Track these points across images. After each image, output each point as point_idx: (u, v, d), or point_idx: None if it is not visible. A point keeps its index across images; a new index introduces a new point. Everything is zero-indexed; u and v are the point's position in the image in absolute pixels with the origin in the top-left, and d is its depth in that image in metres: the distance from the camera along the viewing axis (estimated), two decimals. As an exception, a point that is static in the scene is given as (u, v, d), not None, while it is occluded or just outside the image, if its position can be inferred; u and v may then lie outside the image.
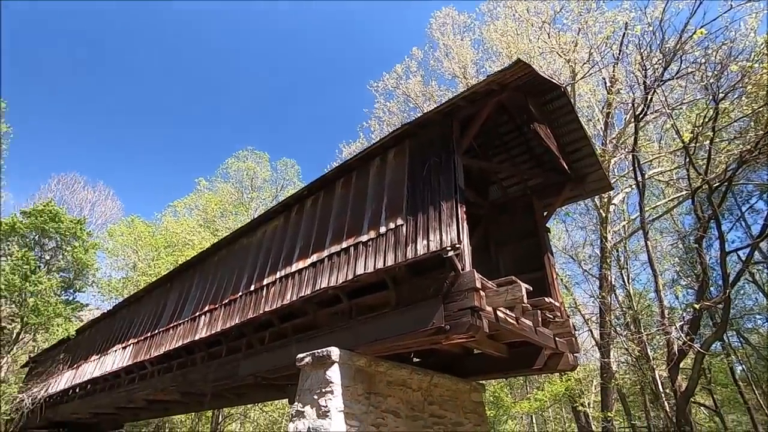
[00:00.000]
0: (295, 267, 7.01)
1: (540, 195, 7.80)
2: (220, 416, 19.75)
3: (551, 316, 6.18)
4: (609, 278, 14.35)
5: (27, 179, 51.73)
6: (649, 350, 11.99)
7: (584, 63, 12.31)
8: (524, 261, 7.50)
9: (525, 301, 4.72)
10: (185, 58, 76.74)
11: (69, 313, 15.96)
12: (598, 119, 15.10)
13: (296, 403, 5.32)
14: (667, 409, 11.27)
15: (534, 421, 19.10)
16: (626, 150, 12.30)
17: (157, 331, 10.38)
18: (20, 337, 16.43)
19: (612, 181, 15.41)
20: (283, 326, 6.93)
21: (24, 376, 17.74)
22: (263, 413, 24.31)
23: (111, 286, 19.47)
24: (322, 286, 6.06)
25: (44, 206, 16.55)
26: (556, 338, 6.06)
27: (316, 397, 5.08)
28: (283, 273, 7.21)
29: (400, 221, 5.65)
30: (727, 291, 8.43)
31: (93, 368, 12.64)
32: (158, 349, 9.74)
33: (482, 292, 4.60)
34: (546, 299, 5.72)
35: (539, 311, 5.61)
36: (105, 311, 15.32)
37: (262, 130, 79.75)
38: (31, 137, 52.46)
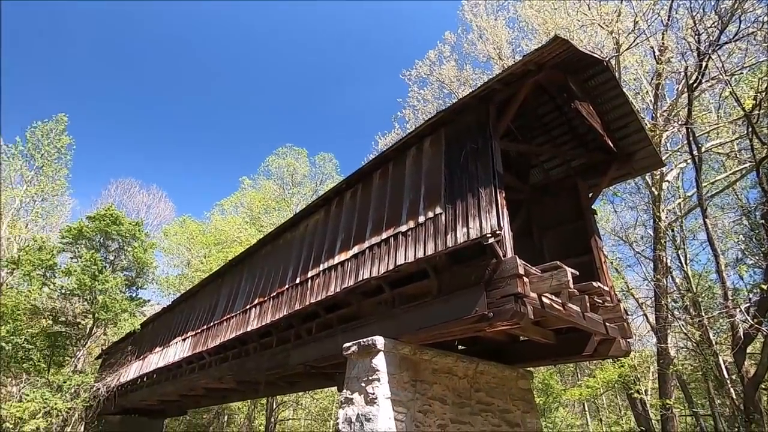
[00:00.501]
0: (337, 259, 7.18)
1: (584, 176, 7.49)
2: (274, 403, 20.68)
3: (601, 301, 5.97)
4: (664, 260, 13.60)
5: (90, 183, 55.82)
6: (711, 334, 11.28)
7: (629, 33, 11.56)
8: (570, 245, 7.26)
9: (571, 286, 4.59)
10: (224, 60, 79.34)
11: (134, 309, 17.24)
12: (647, 91, 14.21)
13: (345, 391, 5.49)
14: (734, 397, 10.60)
15: (586, 408, 18.53)
16: (679, 122, 11.49)
17: (212, 323, 10.99)
18: (93, 331, 17.95)
19: (664, 157, 14.54)
20: (328, 317, 7.13)
21: (98, 367, 19.36)
22: (314, 400, 25.18)
23: (168, 283, 20.77)
24: (364, 277, 6.17)
25: (106, 210, 17.87)
26: (607, 323, 5.85)
27: (363, 384, 5.22)
28: (326, 265, 7.40)
29: (438, 210, 5.64)
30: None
31: (157, 359, 13.59)
32: (214, 341, 10.32)
33: (525, 279, 4.52)
34: (594, 284, 5.53)
35: (587, 296, 5.41)
36: (165, 306, 16.37)
37: (300, 126, 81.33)
38: (90, 145, 56.49)
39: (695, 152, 10.67)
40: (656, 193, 13.69)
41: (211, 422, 29.10)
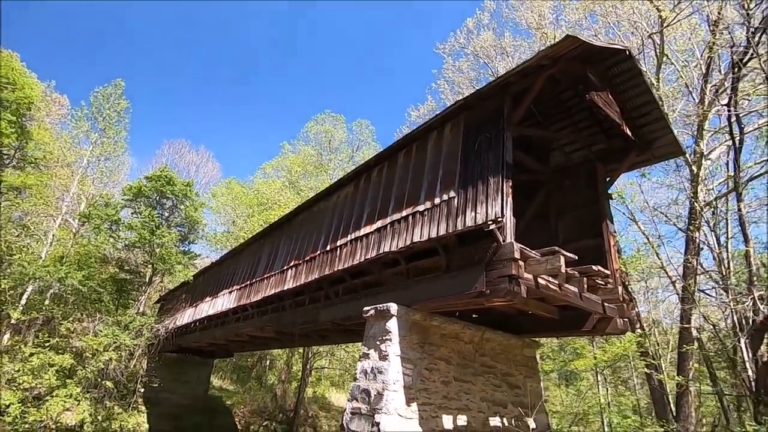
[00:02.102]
0: (363, 231, 7.93)
1: (604, 160, 7.68)
2: (310, 353, 22.58)
3: (603, 283, 6.40)
4: (696, 240, 13.41)
5: (145, 141, 59.35)
6: (734, 317, 11.31)
7: (675, 5, 10.96)
8: (585, 227, 7.60)
9: (563, 269, 5.09)
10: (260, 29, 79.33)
11: (187, 262, 19.16)
12: (697, 65, 13.48)
13: (363, 347, 6.38)
14: (751, 377, 10.76)
15: (603, 379, 18.94)
16: (721, 103, 11.02)
17: (254, 280, 12.27)
18: (152, 279, 20.18)
19: (708, 136, 13.95)
20: (353, 282, 7.99)
21: (157, 311, 21.80)
22: (347, 353, 27.11)
23: (216, 239, 22.61)
24: (384, 250, 6.90)
25: (161, 171, 19.53)
26: (605, 304, 6.32)
27: (378, 343, 6.08)
28: (353, 236, 8.19)
29: (452, 193, 6.17)
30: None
31: (207, 307, 15.30)
32: (256, 295, 11.60)
33: (521, 262, 5.06)
34: (593, 267, 5.95)
35: (585, 278, 5.89)
36: (213, 261, 18.08)
37: (340, 92, 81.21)
38: (147, 107, 59.55)
39: (736, 134, 10.37)
40: (695, 171, 13.31)
41: (254, 365, 32.09)
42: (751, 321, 9.63)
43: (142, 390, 17.81)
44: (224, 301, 13.97)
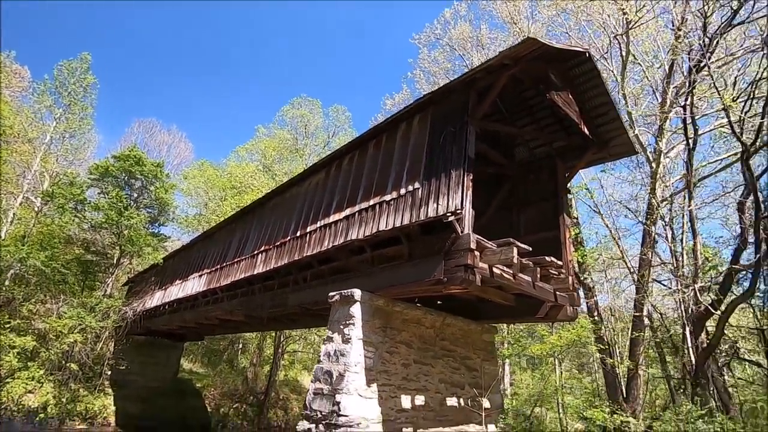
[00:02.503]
0: (332, 218, 8.09)
1: (564, 157, 8.05)
2: (282, 337, 22.74)
3: (556, 273, 6.80)
4: (652, 233, 14.16)
5: (114, 119, 57.11)
6: (682, 306, 12.12)
7: (640, 8, 11.37)
8: (544, 220, 7.98)
9: (515, 260, 5.41)
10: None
11: (156, 244, 18.87)
12: (661, 65, 14.05)
13: (327, 331, 6.61)
14: (692, 362, 11.62)
15: (557, 363, 20.05)
16: (679, 104, 11.59)
17: (225, 264, 12.28)
18: (120, 261, 19.80)
19: (668, 136, 14.61)
20: (321, 268, 8.17)
21: (125, 293, 21.45)
22: (319, 337, 27.40)
23: (188, 222, 22.27)
24: (351, 238, 7.09)
25: (130, 151, 19.02)
26: (557, 292, 6.73)
27: (342, 327, 6.31)
28: (322, 223, 8.34)
29: (417, 184, 6.39)
30: (758, 256, 8.38)
31: (177, 290, 15.21)
32: (226, 279, 11.64)
33: (477, 252, 5.35)
34: (547, 258, 6.32)
35: (539, 268, 6.26)
36: (184, 244, 17.87)
37: (317, 78, 79.90)
38: (115, 83, 57.12)
39: (690, 135, 10.96)
40: (654, 168, 13.98)
41: (226, 348, 32.04)
42: (692, 311, 10.37)
43: (109, 372, 17.62)
44: (194, 285, 13.92)
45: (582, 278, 15.12)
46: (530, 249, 5.91)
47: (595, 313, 14.73)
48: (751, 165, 9.31)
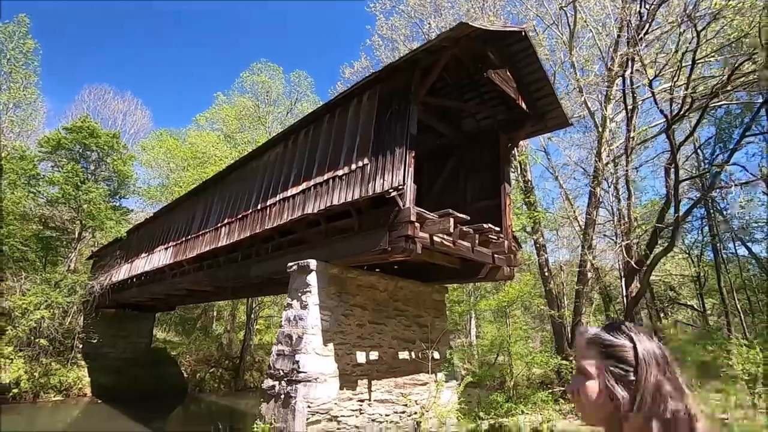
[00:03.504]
0: (290, 192, 8.45)
1: (506, 129, 8.60)
2: (254, 303, 23.33)
3: (495, 238, 7.51)
4: (597, 194, 15.24)
5: (63, 86, 53.47)
6: (619, 261, 13.38)
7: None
8: (487, 188, 8.62)
9: (452, 229, 6.03)
10: (196, -54, 71.33)
11: (119, 217, 18.63)
12: (609, 33, 14.59)
13: (287, 298, 7.16)
14: (618, 310, 13.00)
15: (508, 322, 21.93)
16: (618, 73, 12.25)
17: (190, 236, 12.50)
18: (81, 235, 19.48)
19: (616, 99, 15.37)
20: (281, 240, 8.60)
21: (90, 267, 21.24)
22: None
23: (150, 194, 21.92)
24: (307, 212, 7.52)
25: (82, 122, 18.32)
26: (495, 255, 7.47)
27: (300, 294, 6.87)
28: (281, 196, 8.69)
29: (366, 160, 6.82)
30: (677, 215, 9.40)
31: (144, 263, 15.33)
32: (191, 252, 11.91)
33: (417, 224, 5.93)
34: (484, 225, 6.99)
35: (478, 235, 6.94)
36: (147, 217, 17.76)
37: (278, 42, 76.35)
38: (62, 49, 52.96)
39: (629, 103, 11.71)
40: (601, 133, 14.83)
41: (200, 316, 32.47)
42: (625, 265, 11.54)
43: (81, 346, 17.79)
44: (160, 258, 14.09)
45: (535, 238, 16.24)
46: (468, 218, 6.55)
47: (546, 270, 15.97)
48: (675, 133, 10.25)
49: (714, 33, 9.89)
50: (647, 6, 10.07)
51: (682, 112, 8.59)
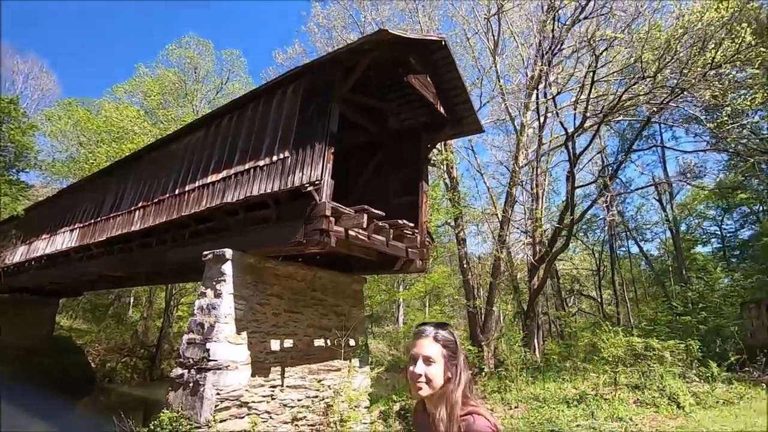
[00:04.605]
0: (210, 179, 8.30)
1: (427, 130, 9.10)
2: (174, 289, 22.25)
3: (409, 233, 8.00)
4: (513, 195, 16.55)
5: (-56, 35, 45.93)
6: (527, 257, 14.74)
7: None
8: (408, 185, 9.09)
9: (365, 224, 6.39)
10: None
11: (15, 193, 16.77)
12: (532, 45, 15.75)
13: (201, 287, 7.11)
14: (521, 301, 14.40)
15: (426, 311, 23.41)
16: (531, 86, 13.35)
17: (99, 218, 11.70)
18: (-31, 211, 17.26)
19: (532, 109, 16.62)
20: (198, 227, 8.42)
21: (-21, 247, 18.89)
22: (216, 288, 27.25)
23: (56, 168, 19.93)
24: (226, 200, 7.47)
25: (-29, 83, 16.11)
26: (409, 249, 7.97)
27: (214, 283, 6.86)
28: (200, 183, 8.50)
29: (287, 153, 6.93)
30: (571, 218, 10.61)
31: (45, 245, 14.04)
32: (101, 235, 11.17)
33: (332, 218, 6.19)
34: (399, 221, 7.43)
35: (392, 230, 7.37)
36: (49, 196, 16.19)
37: (210, 18, 71.68)
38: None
39: (541, 113, 12.83)
40: (518, 138, 16.07)
41: (112, 303, 30.28)
42: (529, 260, 12.79)
43: (-32, 334, 15.94)
44: (65, 240, 13.03)
45: (456, 232, 17.26)
46: (383, 214, 6.95)
47: (465, 262, 17.07)
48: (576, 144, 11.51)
49: (612, 58, 11.19)
50: (559, 26, 11.10)
51: (580, 127, 9.68)
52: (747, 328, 19.18)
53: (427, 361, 1.63)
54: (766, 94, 10.61)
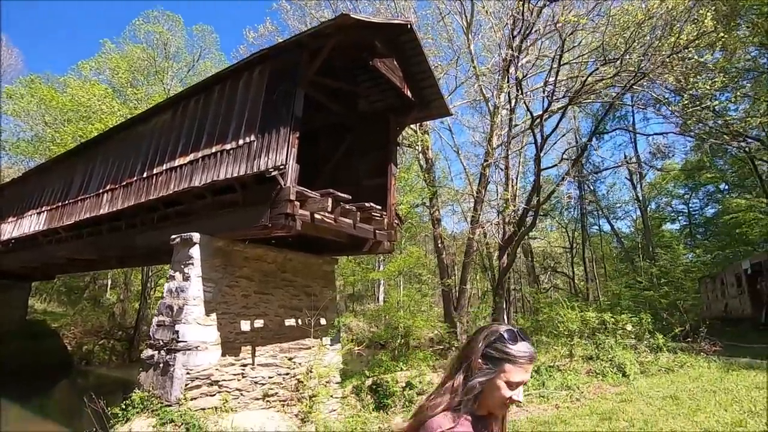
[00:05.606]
0: (178, 162, 8.26)
1: (396, 113, 9.19)
2: (150, 272, 22.11)
3: (377, 215, 8.19)
4: (487, 175, 16.86)
5: None
6: (498, 236, 15.17)
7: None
8: (377, 168, 9.22)
9: (330, 208, 6.54)
10: None
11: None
12: (505, 26, 15.78)
13: (170, 270, 7.20)
14: (490, 279, 14.91)
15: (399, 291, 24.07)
16: (503, 67, 13.47)
17: (67, 201, 11.50)
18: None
19: (506, 91, 16.77)
20: (167, 211, 8.42)
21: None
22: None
23: (20, 148, 19.29)
24: (194, 184, 7.49)
25: None
26: (376, 231, 8.18)
27: (183, 266, 6.95)
28: (168, 166, 8.45)
29: (253, 137, 6.96)
30: (537, 199, 10.97)
31: (11, 228, 13.74)
32: (69, 218, 11.02)
33: (297, 202, 6.32)
34: (366, 204, 7.60)
35: (359, 212, 7.54)
36: (14, 178, 15.73)
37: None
38: None
39: (514, 95, 13.01)
40: (492, 119, 16.27)
41: (87, 285, 29.88)
42: (499, 239, 13.20)
43: (-66, 319, 15.63)
44: (32, 223, 12.78)
45: (431, 212, 17.56)
46: (350, 197, 7.11)
47: (440, 242, 17.45)
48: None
49: (582, 41, 11.38)
50: (530, 8, 11.18)
51: (546, 111, 9.92)
52: (703, 302, 20.38)
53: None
54: (726, 79, 11.02)
